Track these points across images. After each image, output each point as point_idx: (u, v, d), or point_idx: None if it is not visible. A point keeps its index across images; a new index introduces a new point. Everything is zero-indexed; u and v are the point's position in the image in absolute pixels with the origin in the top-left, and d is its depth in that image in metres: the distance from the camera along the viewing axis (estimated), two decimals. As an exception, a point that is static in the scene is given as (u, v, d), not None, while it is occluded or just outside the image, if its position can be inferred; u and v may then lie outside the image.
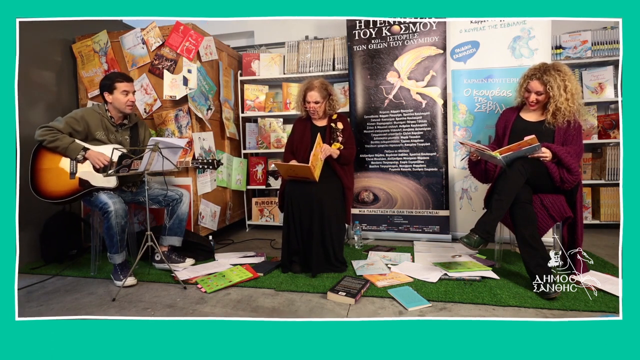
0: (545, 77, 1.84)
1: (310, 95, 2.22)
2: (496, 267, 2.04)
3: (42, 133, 1.95)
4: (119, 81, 2.06)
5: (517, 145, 1.73)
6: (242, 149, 3.31)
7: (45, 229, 2.37)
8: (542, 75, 1.85)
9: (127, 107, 2.10)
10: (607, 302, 1.57)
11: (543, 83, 1.85)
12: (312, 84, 2.23)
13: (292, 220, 2.05)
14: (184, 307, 1.68)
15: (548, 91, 1.85)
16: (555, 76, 1.82)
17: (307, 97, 2.23)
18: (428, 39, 2.68)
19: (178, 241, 2.24)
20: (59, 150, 1.98)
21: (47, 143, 1.95)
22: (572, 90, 1.82)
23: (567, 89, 1.82)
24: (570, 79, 1.84)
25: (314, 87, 2.22)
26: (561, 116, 1.84)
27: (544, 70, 1.86)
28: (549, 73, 1.84)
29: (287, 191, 2.09)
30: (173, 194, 2.20)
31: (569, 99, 1.82)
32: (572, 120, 1.86)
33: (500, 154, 1.75)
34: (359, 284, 1.80)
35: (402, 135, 2.77)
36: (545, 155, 1.76)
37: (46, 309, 1.70)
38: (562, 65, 1.89)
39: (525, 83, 1.94)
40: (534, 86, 1.88)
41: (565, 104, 1.82)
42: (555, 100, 1.83)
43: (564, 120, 1.85)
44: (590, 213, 2.94)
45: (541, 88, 1.87)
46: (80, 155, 1.99)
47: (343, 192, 2.20)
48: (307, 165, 1.94)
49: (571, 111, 1.83)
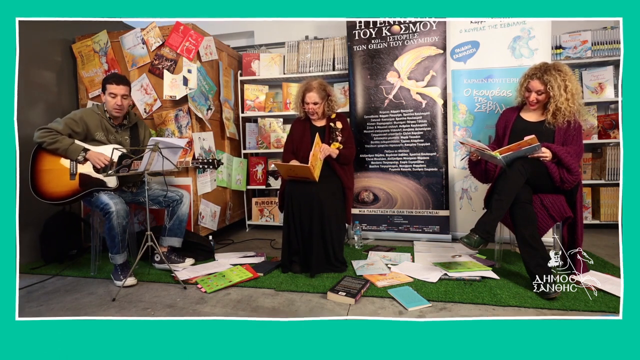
0: (545, 76, 1.84)
1: (308, 97, 2.21)
2: (496, 267, 2.04)
3: (41, 135, 1.95)
4: (109, 83, 2.05)
5: (517, 145, 1.73)
6: (242, 149, 3.31)
7: (45, 229, 2.37)
8: (542, 74, 1.86)
9: (114, 110, 2.08)
10: (607, 302, 1.57)
11: (543, 82, 1.85)
12: (311, 85, 2.22)
13: (292, 220, 2.05)
14: (184, 307, 1.68)
15: (548, 91, 1.85)
16: (556, 76, 1.82)
17: (305, 98, 2.23)
18: (428, 39, 2.68)
19: (178, 242, 2.24)
20: (59, 152, 1.98)
21: (46, 145, 1.95)
22: (572, 90, 1.82)
23: (567, 89, 1.82)
24: (571, 79, 1.84)
25: (313, 88, 2.21)
26: (561, 116, 1.85)
27: (544, 70, 1.86)
28: (549, 73, 1.84)
29: (287, 191, 2.09)
30: (173, 195, 2.20)
31: (569, 99, 1.82)
32: (572, 121, 1.86)
33: (500, 153, 1.75)
34: (359, 284, 1.80)
35: (402, 135, 2.77)
36: (545, 155, 1.76)
37: (46, 309, 1.70)
38: (563, 65, 1.89)
39: (525, 82, 1.94)
40: (535, 85, 1.88)
41: (566, 103, 1.82)
42: (556, 100, 1.83)
43: (564, 121, 1.85)
44: (590, 213, 2.94)
45: (542, 87, 1.87)
46: (80, 156, 1.99)
47: (343, 192, 2.19)
48: (306, 165, 1.94)
49: (571, 111, 1.84)
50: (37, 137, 1.95)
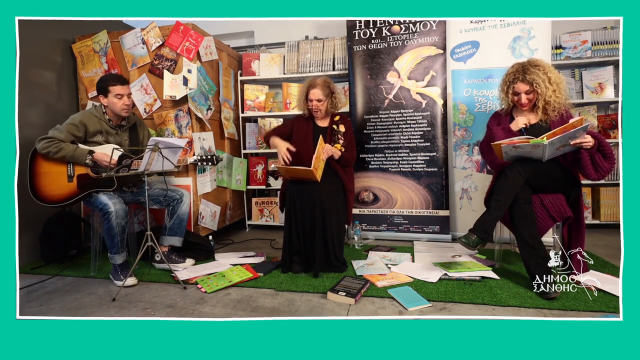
0: (527, 76, 1.84)
1: (312, 93, 2.21)
2: (496, 267, 2.04)
3: (45, 146, 1.93)
4: (113, 84, 2.04)
5: (562, 129, 1.62)
6: (242, 149, 3.31)
7: (45, 229, 2.37)
8: (524, 76, 1.85)
9: (123, 110, 2.08)
10: (607, 302, 1.57)
11: (528, 82, 1.84)
12: (315, 82, 2.22)
13: (295, 220, 2.05)
14: (184, 307, 1.68)
15: (536, 88, 1.84)
16: (537, 72, 1.82)
17: (309, 95, 2.22)
18: (428, 39, 2.68)
19: (178, 241, 2.24)
20: (66, 159, 1.98)
21: (52, 154, 1.94)
22: (556, 81, 1.82)
23: (551, 81, 1.82)
24: (551, 70, 1.84)
25: (317, 85, 2.21)
26: (551, 110, 1.84)
27: (523, 71, 1.86)
28: (529, 71, 1.84)
29: (289, 191, 2.09)
30: (173, 194, 2.20)
31: (555, 90, 1.82)
32: (563, 112, 1.86)
33: (548, 138, 1.62)
34: (359, 284, 1.80)
35: (402, 135, 2.77)
36: (587, 141, 1.64)
37: (46, 309, 1.70)
38: (537, 59, 1.89)
39: (509, 89, 1.91)
40: (521, 88, 1.87)
41: (553, 95, 1.82)
42: (544, 95, 1.83)
43: (556, 114, 1.85)
44: (590, 213, 2.94)
45: (528, 87, 1.85)
46: (88, 159, 1.99)
47: (344, 193, 2.20)
48: (309, 169, 1.94)
49: (559, 102, 1.83)
50: (41, 148, 1.94)
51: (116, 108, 2.07)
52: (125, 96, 2.06)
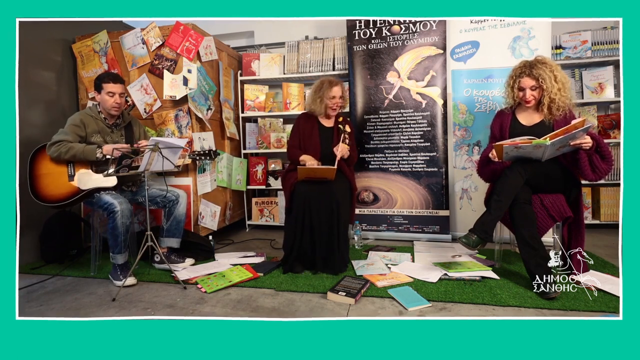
0: (534, 71, 1.84)
1: (335, 90, 2.26)
2: (496, 267, 2.04)
3: (56, 149, 1.96)
4: (106, 82, 2.06)
5: (564, 130, 1.63)
6: (242, 149, 3.31)
7: (45, 229, 2.37)
8: (530, 70, 1.85)
9: (113, 108, 2.09)
10: (607, 302, 1.57)
11: (534, 77, 1.84)
12: (335, 81, 2.29)
13: (309, 220, 2.02)
14: (184, 307, 1.68)
15: (541, 84, 1.83)
16: (544, 68, 1.83)
17: (331, 92, 2.25)
18: (428, 39, 2.68)
19: (176, 242, 2.24)
20: (77, 158, 1.99)
21: (63, 155, 1.96)
22: (562, 80, 1.83)
23: (557, 79, 1.82)
24: (557, 68, 1.85)
25: (338, 83, 2.29)
26: (556, 108, 1.84)
27: (530, 66, 1.86)
28: (536, 67, 1.84)
29: (301, 192, 2.05)
30: (170, 195, 2.20)
31: (560, 89, 1.82)
32: (567, 112, 1.86)
33: (550, 139, 1.63)
34: (359, 284, 1.80)
35: (402, 135, 2.77)
36: (587, 142, 1.66)
37: (46, 309, 1.70)
38: (545, 57, 1.89)
39: (515, 83, 1.92)
40: (527, 82, 1.87)
41: (559, 94, 1.82)
42: (549, 92, 1.83)
43: (560, 113, 1.85)
44: (590, 213, 2.94)
45: (534, 82, 1.85)
46: (99, 153, 2.00)
47: (351, 191, 2.22)
48: (333, 167, 2.01)
49: (564, 101, 1.83)
50: (52, 152, 1.97)
51: (106, 105, 2.08)
52: (117, 95, 2.07)
